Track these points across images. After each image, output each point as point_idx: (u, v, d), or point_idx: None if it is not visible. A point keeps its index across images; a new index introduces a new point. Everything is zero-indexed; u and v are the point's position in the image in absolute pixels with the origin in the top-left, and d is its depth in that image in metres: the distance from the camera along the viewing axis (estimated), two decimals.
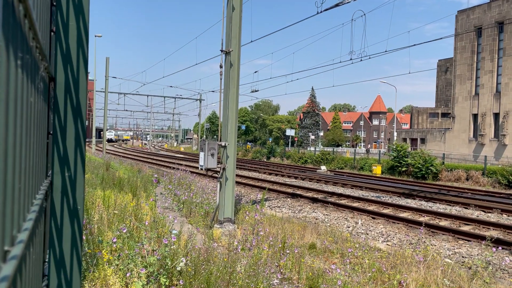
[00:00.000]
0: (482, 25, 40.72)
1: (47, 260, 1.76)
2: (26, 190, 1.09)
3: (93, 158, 23.94)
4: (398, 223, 12.56)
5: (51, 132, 1.76)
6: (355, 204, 15.65)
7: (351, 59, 20.23)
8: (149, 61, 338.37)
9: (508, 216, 14.27)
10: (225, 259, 5.79)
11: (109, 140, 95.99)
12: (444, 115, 57.53)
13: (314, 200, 16.37)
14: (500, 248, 8.96)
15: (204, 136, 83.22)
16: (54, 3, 1.74)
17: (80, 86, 1.82)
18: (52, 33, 1.74)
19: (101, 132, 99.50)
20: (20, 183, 0.95)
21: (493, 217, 14.08)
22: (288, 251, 7.00)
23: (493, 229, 11.80)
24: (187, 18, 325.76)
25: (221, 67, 9.99)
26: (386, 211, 14.44)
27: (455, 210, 15.26)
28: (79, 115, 1.81)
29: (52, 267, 1.76)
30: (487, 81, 40.74)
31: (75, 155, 1.81)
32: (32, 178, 1.22)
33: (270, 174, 28.58)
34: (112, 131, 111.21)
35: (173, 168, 23.22)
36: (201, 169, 10.34)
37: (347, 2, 13.64)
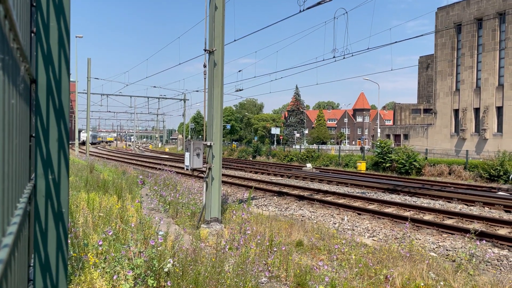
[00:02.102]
0: (461, 22, 41.41)
1: (32, 264, 1.74)
2: (10, 194, 1.07)
3: (76, 161, 23.64)
4: (384, 219, 12.71)
5: (33, 135, 1.73)
6: (341, 201, 15.78)
7: (334, 57, 20.33)
8: (132, 62, 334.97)
9: (490, 209, 14.55)
10: (213, 259, 5.78)
11: (84, 143, 73.33)
12: (426, 111, 58.41)
13: (300, 198, 16.45)
14: (483, 240, 9.14)
15: (189, 136, 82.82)
16: (34, 4, 1.72)
17: (62, 88, 1.79)
18: (32, 34, 1.72)
19: (83, 133, 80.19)
20: (3, 186, 0.94)
21: (475, 210, 14.34)
22: (275, 249, 7.02)
23: (477, 222, 12.02)
24: (170, 17, 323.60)
25: (205, 66, 9.95)
26: (371, 206, 14.59)
27: (438, 204, 15.50)
28: (62, 117, 1.78)
29: (38, 271, 1.73)
30: (467, 77, 41.46)
31: (59, 157, 1.78)
32: (15, 182, 1.20)
33: (256, 173, 28.60)
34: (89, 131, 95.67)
35: (159, 169, 23.08)
36: (187, 169, 10.29)
37: (329, 0, 13.71)
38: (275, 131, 68.26)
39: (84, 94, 48.34)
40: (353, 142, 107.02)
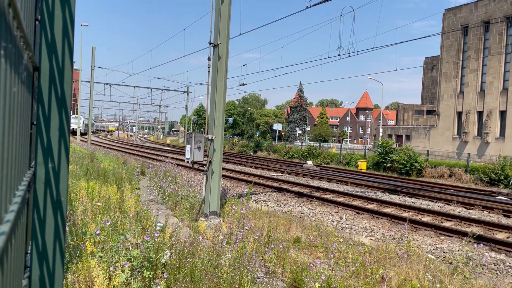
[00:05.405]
0: (468, 24, 41.19)
1: (29, 251, 1.75)
2: (9, 181, 1.07)
3: (77, 149, 23.67)
4: (382, 218, 12.71)
5: (34, 123, 1.73)
6: (340, 199, 15.79)
7: (339, 55, 20.29)
8: (136, 52, 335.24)
9: (489, 212, 14.55)
10: (210, 252, 5.80)
11: (74, 132, 53.23)
12: (429, 112, 58.29)
13: (299, 195, 16.46)
14: (481, 244, 9.14)
15: (191, 129, 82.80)
16: None
17: (65, 76, 1.79)
18: (37, 21, 1.71)
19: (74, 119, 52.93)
20: (2, 174, 0.94)
21: (474, 213, 14.34)
22: (272, 246, 7.04)
23: (475, 225, 12.02)
24: (176, 9, 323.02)
25: (209, 59, 9.93)
26: (370, 206, 14.60)
27: (437, 206, 15.50)
28: (64, 106, 1.78)
29: (35, 258, 1.74)
30: (472, 80, 41.30)
31: (59, 146, 1.78)
32: (14, 169, 1.20)
33: (256, 168, 28.62)
34: (81, 117, 55.62)
35: (159, 160, 23.08)
36: (187, 162, 10.30)
37: None
38: (277, 127, 68.11)
39: (87, 82, 48.33)
40: (355, 141, 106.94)
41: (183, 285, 4.76)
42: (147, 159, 29.98)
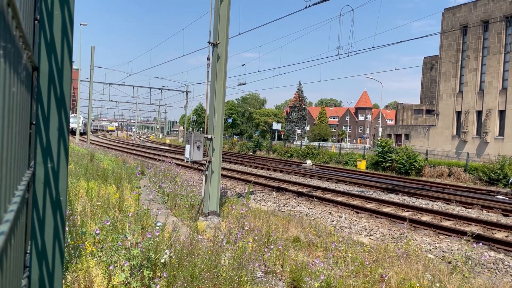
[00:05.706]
0: (467, 24, 41.22)
1: (28, 251, 1.74)
2: (8, 181, 1.07)
3: (77, 149, 23.65)
4: (381, 218, 12.72)
5: (34, 123, 1.73)
6: (340, 199, 15.79)
7: (338, 54, 20.31)
8: (135, 51, 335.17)
9: (488, 212, 14.56)
10: (210, 252, 5.80)
11: (74, 132, 49.92)
12: (429, 111, 58.35)
13: (299, 194, 16.46)
14: (480, 243, 9.15)
15: (190, 129, 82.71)
16: None
17: (64, 76, 1.79)
18: (36, 21, 1.71)
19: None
20: (1, 174, 0.94)
21: (473, 213, 14.35)
22: (272, 246, 7.04)
23: (474, 225, 12.03)
24: (175, 9, 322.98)
25: (208, 59, 9.93)
26: (369, 205, 14.60)
27: (437, 205, 15.51)
28: (63, 105, 1.78)
29: (34, 258, 1.74)
30: (471, 79, 41.33)
31: (58, 146, 1.78)
32: (14, 169, 1.20)
33: (255, 167, 28.61)
34: (80, 116, 50.50)
35: (158, 160, 23.06)
36: (187, 161, 10.30)
37: None
38: (276, 126, 68.09)
39: (86, 82, 48.24)
40: (354, 141, 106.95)
41: (183, 285, 4.76)
42: (147, 158, 29.96)
